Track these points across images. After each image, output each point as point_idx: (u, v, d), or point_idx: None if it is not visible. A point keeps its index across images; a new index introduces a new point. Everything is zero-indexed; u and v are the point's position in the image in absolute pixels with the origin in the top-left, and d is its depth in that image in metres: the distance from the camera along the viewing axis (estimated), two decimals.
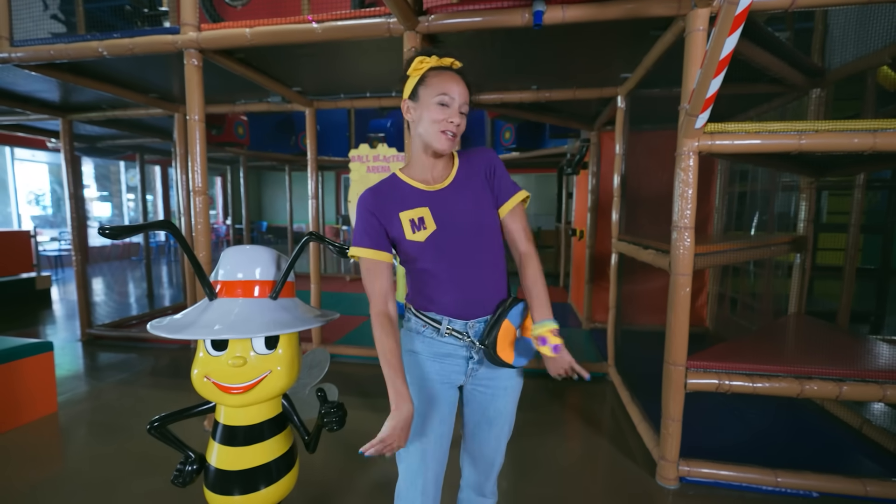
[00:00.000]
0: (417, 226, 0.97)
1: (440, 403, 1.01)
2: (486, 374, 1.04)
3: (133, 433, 2.10)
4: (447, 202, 0.99)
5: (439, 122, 0.94)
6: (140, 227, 0.94)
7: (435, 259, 0.97)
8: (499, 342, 0.97)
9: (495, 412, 1.06)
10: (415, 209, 0.98)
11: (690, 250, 1.60)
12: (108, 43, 2.03)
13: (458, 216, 0.98)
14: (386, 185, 1.03)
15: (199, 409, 1.15)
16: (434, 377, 1.01)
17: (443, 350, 1.01)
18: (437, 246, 0.96)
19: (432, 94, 0.95)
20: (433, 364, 1.02)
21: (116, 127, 3.83)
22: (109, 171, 9.95)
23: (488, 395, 1.05)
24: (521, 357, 1.02)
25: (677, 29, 1.68)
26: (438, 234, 0.96)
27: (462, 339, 0.99)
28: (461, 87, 0.95)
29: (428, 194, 1.00)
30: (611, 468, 1.89)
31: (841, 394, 1.55)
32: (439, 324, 0.99)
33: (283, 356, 1.09)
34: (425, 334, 1.01)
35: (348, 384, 2.73)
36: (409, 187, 1.01)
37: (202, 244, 2.02)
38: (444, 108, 0.94)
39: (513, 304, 1.00)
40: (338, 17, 1.85)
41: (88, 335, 3.57)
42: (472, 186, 1.02)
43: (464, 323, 0.99)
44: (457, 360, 1.02)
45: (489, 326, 0.98)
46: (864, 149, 1.44)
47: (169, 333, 0.96)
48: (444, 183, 1.01)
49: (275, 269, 1.12)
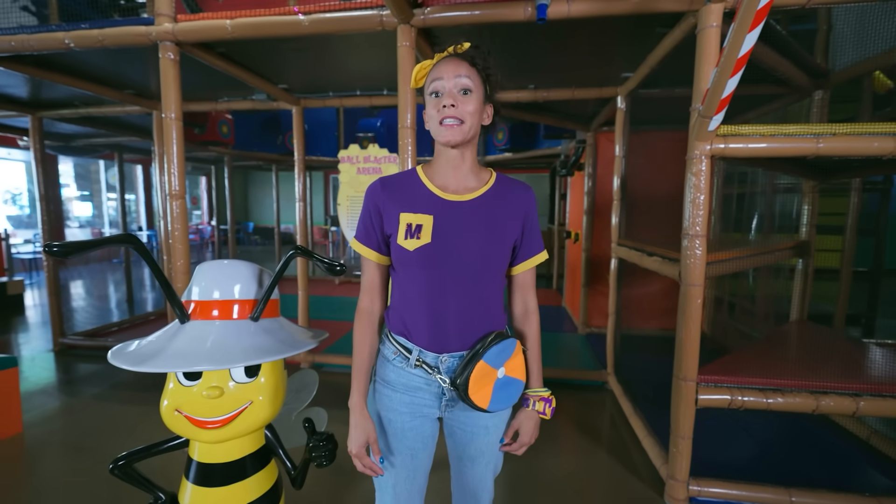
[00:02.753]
0: (412, 233, 0.84)
1: (411, 438, 0.91)
2: (463, 413, 0.92)
3: (107, 456, 1.93)
4: (458, 218, 0.86)
5: (435, 115, 0.84)
6: (96, 242, 0.81)
7: (418, 275, 0.85)
8: (471, 383, 0.83)
9: (476, 451, 0.95)
10: (417, 213, 0.86)
11: (702, 259, 1.51)
12: (75, 34, 1.88)
13: (461, 239, 0.84)
14: (400, 178, 0.92)
15: (169, 444, 1.02)
16: (403, 409, 0.90)
17: (412, 382, 0.89)
18: (425, 262, 0.84)
19: (427, 90, 0.87)
20: (403, 395, 0.90)
21: (91, 125, 3.63)
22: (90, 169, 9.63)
23: (467, 433, 0.93)
24: (501, 401, 0.87)
25: (687, 25, 1.60)
26: (430, 249, 0.83)
27: (432, 374, 0.87)
28: (453, 65, 0.83)
29: (439, 202, 0.87)
30: (615, 487, 1.80)
31: (858, 409, 1.48)
32: (409, 353, 0.88)
33: (266, 385, 0.97)
34: (395, 363, 0.90)
35: (337, 396, 2.59)
36: (422, 188, 0.89)
37: (180, 252, 1.88)
38: (437, 99, 0.84)
39: (495, 340, 0.85)
40: (326, 9, 1.72)
41: (61, 345, 3.38)
42: (496, 215, 0.88)
43: (435, 356, 0.87)
44: (428, 394, 0.90)
45: (462, 364, 0.85)
46: (885, 153, 1.37)
47: (132, 365, 0.83)
48: (466, 196, 0.88)
49: (256, 286, 1.00)
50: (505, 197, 0.89)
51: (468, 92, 0.83)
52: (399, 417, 0.90)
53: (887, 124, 1.37)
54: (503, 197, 0.89)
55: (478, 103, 0.84)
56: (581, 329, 3.81)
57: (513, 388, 0.89)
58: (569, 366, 3.03)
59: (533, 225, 0.92)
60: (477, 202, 0.88)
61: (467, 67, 0.84)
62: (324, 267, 0.97)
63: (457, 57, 0.85)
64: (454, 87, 0.83)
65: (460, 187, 0.89)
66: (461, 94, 0.83)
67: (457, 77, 0.82)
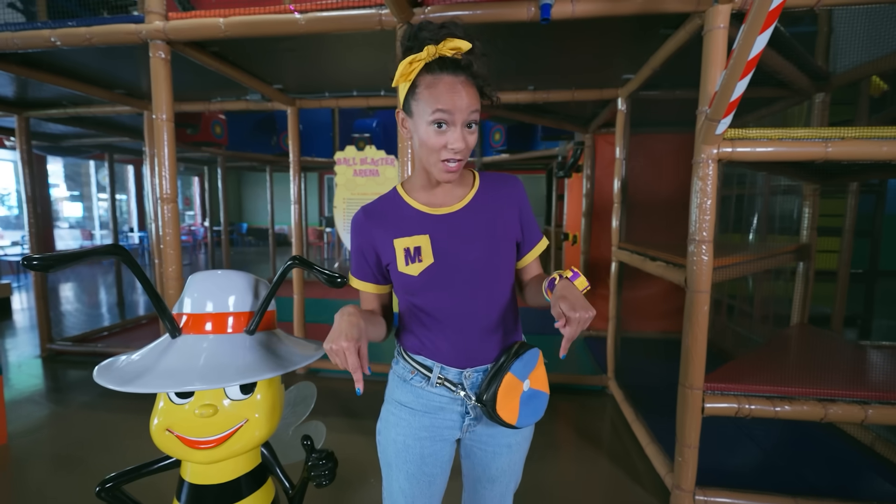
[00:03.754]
0: (412, 257, 0.80)
1: (430, 464, 0.86)
2: (486, 431, 0.87)
3: (96, 469, 1.87)
4: (454, 230, 0.81)
5: (437, 150, 0.74)
6: (81, 254, 0.76)
7: (430, 297, 0.81)
8: (499, 398, 0.78)
9: (498, 471, 0.90)
10: (412, 236, 0.81)
11: (709, 265, 1.48)
12: (62, 32, 1.81)
13: (464, 248, 0.80)
14: (383, 203, 0.87)
15: (160, 464, 0.97)
16: (423, 433, 0.85)
17: (433, 402, 0.85)
18: (433, 283, 0.80)
19: (426, 113, 0.73)
20: (422, 418, 0.85)
21: (80, 125, 3.55)
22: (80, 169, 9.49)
23: (489, 453, 0.89)
24: (529, 416, 0.82)
25: (693, 27, 1.57)
26: (435, 269, 0.80)
27: (455, 391, 0.82)
28: (464, 96, 0.72)
29: (431, 218, 0.82)
30: (619, 496, 1.77)
31: (867, 417, 1.46)
32: (430, 371, 0.83)
33: (263, 401, 0.92)
34: (413, 382, 0.85)
35: (333, 402, 2.55)
36: (408, 208, 0.84)
37: (172, 257, 1.82)
38: (441, 132, 0.73)
39: (520, 351, 0.81)
40: (323, 7, 1.67)
41: (49, 350, 3.29)
42: (491, 216, 0.84)
43: (458, 372, 0.83)
44: (450, 414, 0.85)
45: (488, 378, 0.80)
46: (894, 158, 1.35)
47: (119, 385, 0.78)
48: (455, 206, 0.83)
49: (252, 298, 0.95)
50: (495, 194, 0.85)
51: (473, 125, 0.75)
52: (418, 443, 0.85)
53: (894, 129, 1.35)
54: (493, 195, 0.85)
55: (476, 137, 0.77)
56: None
57: (538, 401, 0.84)
58: (568, 370, 3.00)
59: (528, 215, 0.88)
60: (469, 209, 0.83)
61: (474, 96, 0.74)
62: (324, 279, 0.92)
63: (461, 74, 0.73)
64: (463, 123, 0.73)
65: (447, 199, 0.84)
66: (468, 127, 0.74)
67: (468, 112, 0.73)
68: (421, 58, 0.73)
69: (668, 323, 3.56)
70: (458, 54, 0.73)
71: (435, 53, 0.73)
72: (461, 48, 0.73)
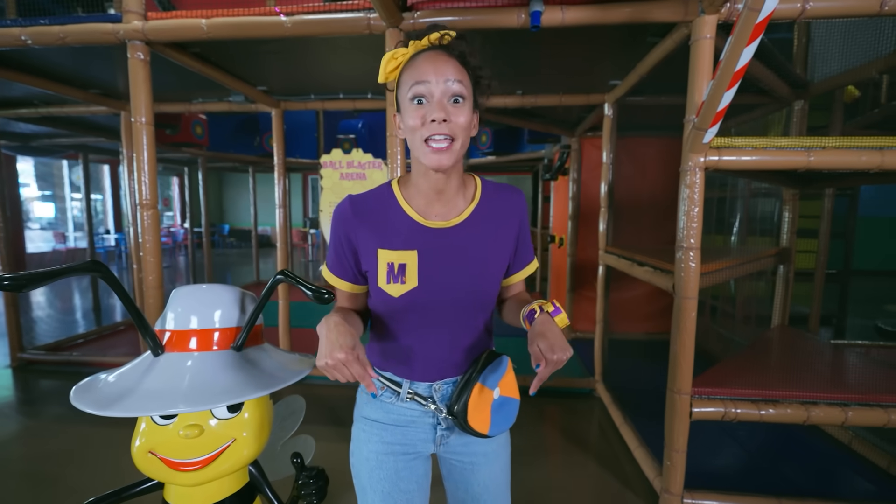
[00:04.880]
0: (395, 275, 0.74)
1: (405, 479, 0.83)
2: (459, 441, 0.85)
3: (72, 486, 1.79)
4: (446, 251, 0.76)
5: (417, 129, 0.68)
6: (57, 272, 0.72)
7: (406, 320, 0.78)
8: (470, 409, 0.75)
9: (481, 487, 0.86)
10: (399, 251, 0.75)
11: (697, 272, 1.50)
12: (33, 30, 1.74)
13: (454, 276, 0.76)
14: (374, 199, 0.78)
15: (142, 486, 0.93)
16: (396, 448, 0.83)
17: (404, 417, 0.83)
18: (414, 307, 0.76)
19: (406, 91, 0.69)
20: (394, 432, 0.83)
21: (53, 125, 3.41)
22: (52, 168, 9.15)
23: (467, 465, 0.86)
24: (501, 423, 0.80)
25: (679, 36, 1.58)
26: (418, 293, 0.75)
27: (426, 404, 0.80)
28: (440, 63, 0.67)
29: (423, 231, 0.76)
30: (607, 500, 1.78)
31: (847, 419, 1.50)
32: (399, 386, 0.81)
33: (251, 420, 0.89)
34: (383, 398, 0.83)
35: (319, 410, 2.51)
36: (401, 214, 0.76)
37: (151, 265, 1.76)
38: (419, 107, 0.68)
39: (488, 360, 0.79)
40: (310, 10, 1.64)
41: (20, 360, 3.15)
42: (488, 235, 0.78)
43: (428, 385, 0.81)
44: (422, 427, 0.83)
45: (458, 390, 0.77)
46: (872, 167, 1.39)
47: (98, 408, 0.75)
48: (452, 220, 0.77)
49: (238, 313, 0.92)
50: (495, 208, 0.79)
51: (460, 100, 0.68)
52: (391, 458, 0.83)
53: (874, 139, 1.39)
54: (493, 209, 0.79)
55: (469, 113, 0.70)
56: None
57: (510, 407, 0.82)
58: (555, 373, 3.01)
59: (525, 234, 0.84)
60: (466, 225, 0.77)
61: (457, 67, 0.68)
62: (310, 295, 0.89)
63: (443, 51, 0.70)
64: (444, 94, 0.67)
65: (445, 210, 0.77)
66: (451, 102, 0.67)
67: (446, 81, 0.67)
68: (405, 51, 0.72)
69: (653, 324, 3.62)
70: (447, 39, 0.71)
71: (420, 45, 0.71)
72: (450, 34, 0.71)
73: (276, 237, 2.96)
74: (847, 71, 2.10)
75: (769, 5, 1.07)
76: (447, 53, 0.70)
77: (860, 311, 4.06)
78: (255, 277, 6.36)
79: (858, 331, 3.83)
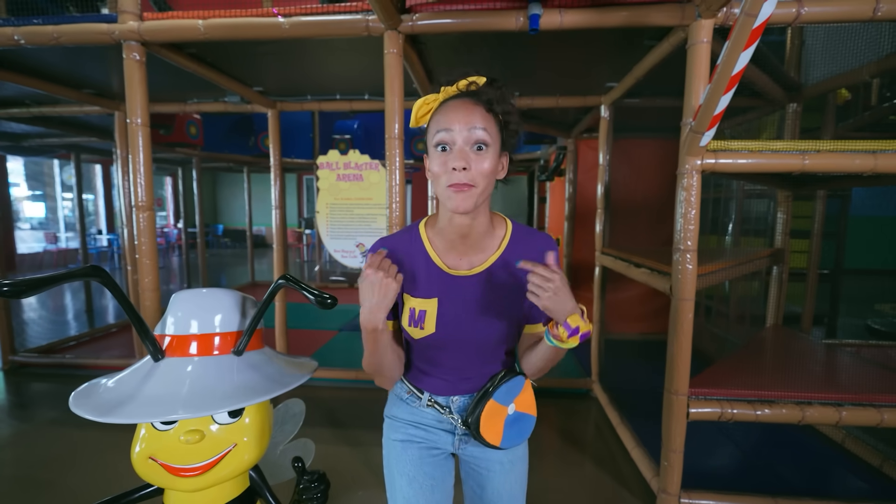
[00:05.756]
0: (416, 321, 0.78)
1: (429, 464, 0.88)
2: (476, 449, 0.89)
3: (67, 491, 1.77)
4: (467, 299, 0.78)
5: (441, 175, 0.70)
6: (57, 278, 0.71)
7: (425, 353, 0.84)
8: (483, 421, 0.80)
9: (494, 494, 0.89)
10: (421, 298, 0.78)
11: (693, 274, 1.52)
12: (26, 30, 1.71)
13: (472, 324, 0.78)
14: (405, 241, 0.82)
15: (141, 492, 0.92)
16: (419, 439, 0.88)
17: (424, 420, 0.88)
18: (434, 346, 0.82)
19: (432, 138, 0.72)
20: (417, 430, 0.88)
21: (45, 125, 3.37)
22: (42, 168, 9.04)
23: (482, 471, 0.89)
24: (513, 438, 0.84)
25: (676, 39, 1.60)
26: (435, 338, 0.79)
27: (444, 412, 0.85)
28: (465, 112, 0.69)
29: (445, 279, 0.78)
30: (604, 500, 1.79)
31: (841, 419, 1.52)
32: (421, 392, 0.86)
33: (252, 425, 0.89)
34: (408, 401, 0.88)
35: (319, 413, 2.50)
36: (426, 261, 0.79)
37: (147, 268, 1.75)
38: (443, 152, 0.70)
39: (505, 378, 0.83)
40: (308, 12, 1.63)
41: (12, 363, 3.11)
42: (512, 285, 0.78)
43: (446, 397, 0.86)
44: (441, 431, 0.88)
45: (474, 402, 0.83)
46: (865, 170, 1.41)
47: (99, 415, 0.74)
48: (476, 268, 0.79)
49: (239, 317, 0.92)
50: (523, 255, 0.75)
51: (483, 147, 0.69)
52: (415, 447, 0.88)
53: (867, 142, 1.41)
54: (521, 255, 0.76)
55: (494, 160, 0.71)
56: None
57: (524, 423, 0.86)
58: (552, 373, 3.02)
59: None
60: (490, 272, 0.78)
61: (483, 114, 0.70)
62: (313, 299, 0.89)
63: (469, 98, 0.72)
64: (466, 142, 0.69)
65: (471, 256, 0.79)
66: (475, 150, 0.69)
67: (470, 129, 0.68)
68: (436, 97, 0.75)
69: (649, 324, 3.64)
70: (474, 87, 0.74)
71: (450, 91, 0.75)
72: (478, 82, 0.73)
73: (270, 237, 2.94)
74: (839, 74, 2.12)
75: (766, 10, 1.08)
76: (474, 101, 0.71)
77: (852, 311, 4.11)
78: (249, 278, 6.32)
79: (850, 330, 3.89)
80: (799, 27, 2.34)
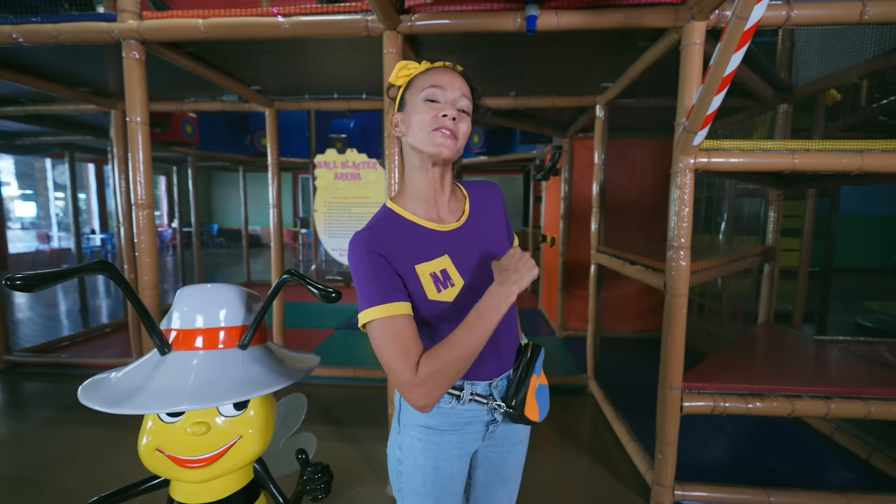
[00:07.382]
0: (442, 282, 0.76)
1: (458, 482, 0.88)
2: (504, 433, 0.91)
3: (65, 490, 1.77)
4: (470, 245, 0.82)
5: (429, 122, 0.75)
6: (67, 272, 0.73)
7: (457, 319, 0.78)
8: (527, 401, 0.83)
9: (511, 468, 0.94)
10: (433, 259, 0.78)
11: (687, 270, 1.55)
12: (25, 28, 1.72)
13: (483, 262, 0.81)
14: (384, 222, 0.79)
15: (147, 484, 0.94)
16: (452, 452, 0.85)
17: (463, 418, 0.85)
18: (466, 303, 0.75)
19: (418, 93, 0.77)
20: (451, 437, 0.85)
21: (40, 123, 3.36)
22: (33, 166, 8.95)
23: (504, 453, 0.92)
24: (543, 408, 0.88)
25: (670, 41, 1.63)
26: (467, 290, 0.78)
27: (486, 403, 0.83)
28: (456, 79, 0.78)
29: (443, 236, 0.80)
30: (600, 493, 1.83)
31: (829, 412, 1.55)
32: (460, 390, 0.83)
33: (256, 417, 0.91)
34: (441, 406, 0.83)
35: (316, 410, 2.52)
36: (417, 227, 0.79)
37: (147, 265, 1.75)
38: (432, 103, 0.76)
39: (535, 352, 0.88)
40: (308, 12, 1.65)
41: (6, 362, 3.10)
42: (491, 224, 0.87)
43: (486, 384, 0.84)
44: (477, 426, 0.87)
45: (515, 385, 0.84)
46: (853, 169, 1.45)
47: (108, 406, 0.75)
48: (461, 220, 0.84)
49: (243, 312, 0.94)
50: (483, 201, 0.88)
51: (465, 114, 0.78)
52: (448, 463, 0.85)
53: (854, 142, 1.45)
54: (482, 202, 0.88)
55: (468, 128, 0.79)
56: (558, 332, 3.86)
57: (544, 393, 0.89)
58: (548, 370, 3.04)
59: (507, 219, 0.92)
60: (472, 220, 0.85)
61: (466, 88, 0.79)
62: (318, 294, 0.90)
63: (455, 72, 0.81)
64: (454, 102, 0.77)
65: (448, 212, 0.84)
66: (458, 110, 0.77)
67: (458, 93, 0.77)
68: (419, 66, 0.82)
69: (643, 322, 3.68)
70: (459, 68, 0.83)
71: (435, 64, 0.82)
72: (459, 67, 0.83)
73: (265, 237, 2.95)
74: (829, 76, 2.17)
75: (756, 13, 1.12)
76: (459, 74, 0.80)
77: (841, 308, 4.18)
78: (245, 277, 6.30)
79: (840, 327, 3.96)
80: (789, 30, 2.38)
